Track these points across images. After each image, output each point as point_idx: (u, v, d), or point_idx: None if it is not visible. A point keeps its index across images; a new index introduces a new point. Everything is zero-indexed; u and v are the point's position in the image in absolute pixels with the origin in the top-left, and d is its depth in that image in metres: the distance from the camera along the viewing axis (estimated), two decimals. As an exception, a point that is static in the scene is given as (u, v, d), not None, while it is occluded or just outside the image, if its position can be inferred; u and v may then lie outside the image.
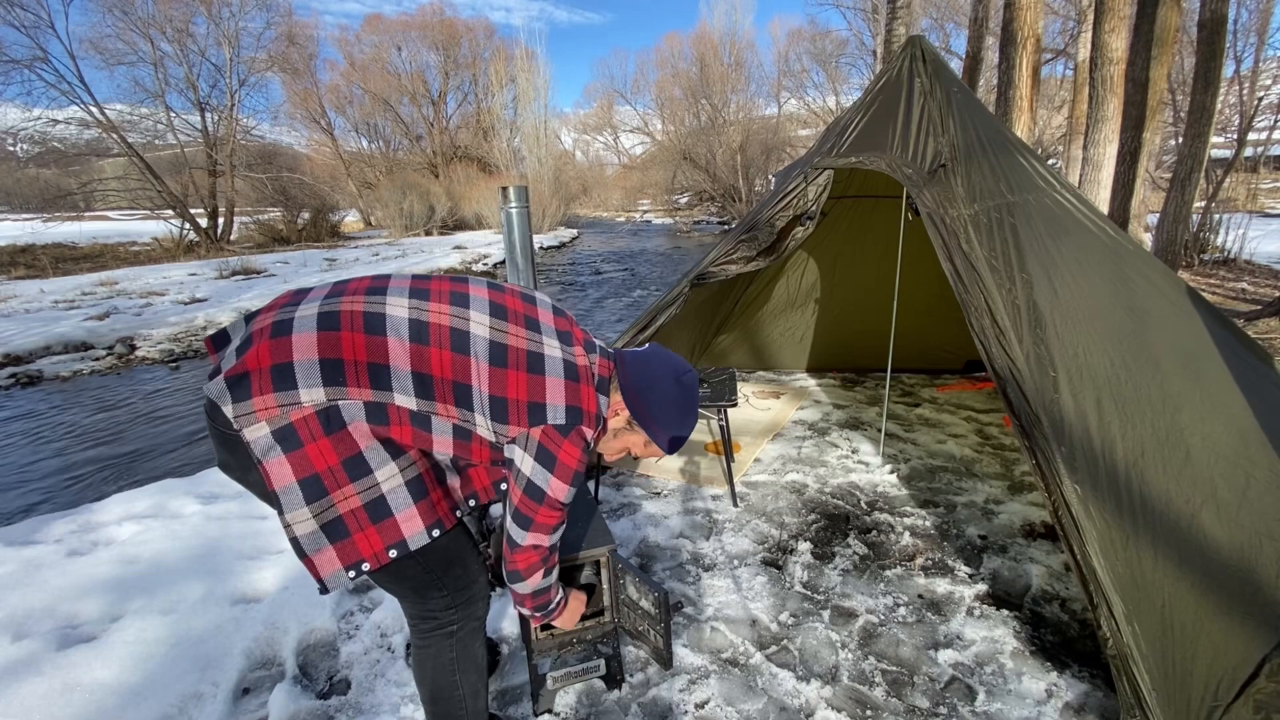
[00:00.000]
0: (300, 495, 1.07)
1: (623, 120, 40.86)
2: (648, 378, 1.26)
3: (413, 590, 1.24)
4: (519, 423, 1.13)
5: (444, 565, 1.23)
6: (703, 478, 2.98)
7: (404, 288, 1.15)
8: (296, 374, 1.03)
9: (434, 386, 1.09)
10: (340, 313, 1.08)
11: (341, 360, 1.05)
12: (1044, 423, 1.69)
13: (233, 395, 1.03)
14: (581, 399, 1.17)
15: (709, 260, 2.86)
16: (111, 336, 7.53)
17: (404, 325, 1.09)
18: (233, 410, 1.02)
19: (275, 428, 1.03)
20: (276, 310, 1.11)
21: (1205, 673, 1.42)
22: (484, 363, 1.11)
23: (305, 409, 1.04)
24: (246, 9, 18.79)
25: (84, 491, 3.88)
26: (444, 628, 1.27)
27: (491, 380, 1.11)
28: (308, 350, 1.04)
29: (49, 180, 19.21)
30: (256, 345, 1.05)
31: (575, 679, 1.70)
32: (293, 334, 1.05)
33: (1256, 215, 11.59)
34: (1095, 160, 6.52)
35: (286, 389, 1.03)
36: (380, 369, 1.06)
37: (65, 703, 1.67)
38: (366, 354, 1.06)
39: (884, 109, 2.55)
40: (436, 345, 1.09)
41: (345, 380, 1.05)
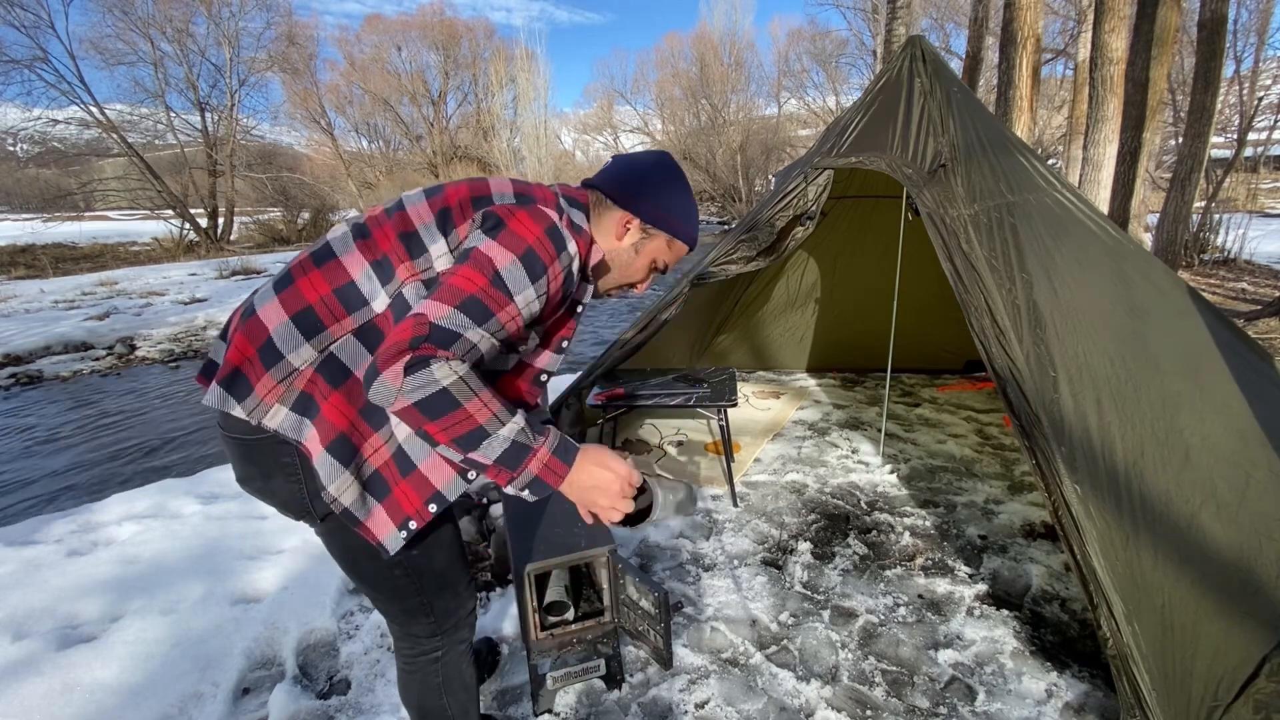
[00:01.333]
0: (334, 461, 0.98)
1: (623, 120, 40.85)
2: (637, 175, 1.13)
3: (402, 612, 1.17)
4: (465, 217, 1.01)
5: (437, 589, 1.17)
6: (703, 478, 2.98)
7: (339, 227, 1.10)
8: (277, 344, 0.98)
9: (390, 259, 1.00)
10: (290, 268, 1.04)
11: (309, 305, 0.99)
12: (1044, 423, 1.69)
13: (235, 395, 0.99)
14: (533, 191, 1.07)
15: (709, 260, 2.86)
16: (111, 336, 7.53)
17: (346, 236, 1.04)
18: (243, 408, 0.98)
19: (290, 403, 0.98)
20: (240, 309, 1.07)
21: (1205, 673, 1.42)
22: (421, 204, 1.04)
23: (304, 371, 0.99)
24: (246, 9, 18.81)
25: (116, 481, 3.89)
26: (428, 654, 1.22)
27: (431, 206, 1.03)
28: (276, 316, 0.99)
29: (49, 180, 19.22)
30: (232, 343, 1.01)
31: (575, 679, 1.70)
32: (257, 310, 1.00)
33: (1256, 215, 11.59)
34: (1095, 160, 6.52)
35: (276, 362, 0.98)
36: (346, 288, 0.99)
37: (65, 703, 1.67)
38: (328, 284, 0.99)
39: (884, 109, 2.55)
40: (377, 228, 1.03)
41: (323, 322, 0.98)
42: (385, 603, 1.18)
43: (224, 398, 0.99)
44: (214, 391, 1.00)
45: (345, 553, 1.12)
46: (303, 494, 1.02)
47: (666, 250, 1.18)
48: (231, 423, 1.01)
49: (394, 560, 1.08)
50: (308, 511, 1.05)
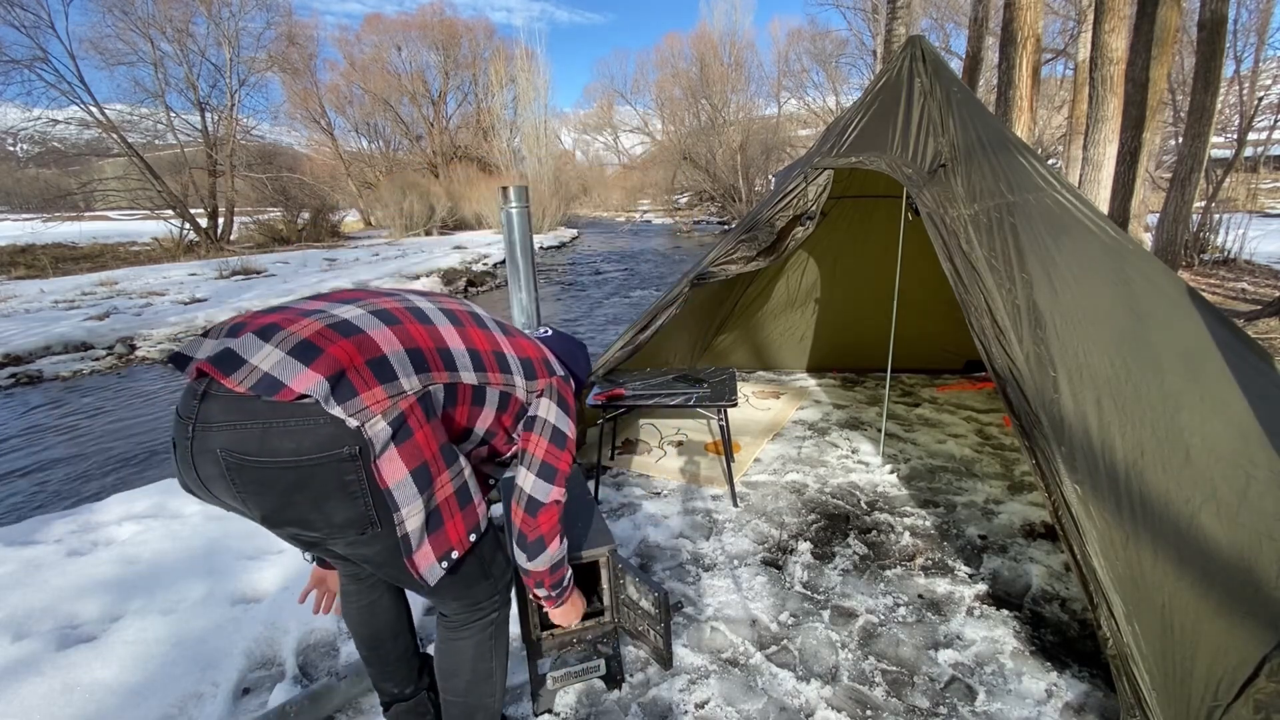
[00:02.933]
0: (414, 486, 1.06)
1: (623, 120, 40.88)
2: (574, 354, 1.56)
3: (464, 587, 1.24)
4: (543, 375, 1.32)
5: (492, 551, 1.28)
6: (703, 478, 2.98)
7: (395, 290, 1.26)
8: (394, 365, 1.05)
9: (483, 359, 1.21)
10: (390, 310, 1.13)
11: (420, 349, 1.10)
12: (1044, 423, 1.69)
13: (338, 396, 0.96)
14: (557, 362, 1.43)
15: (709, 260, 2.86)
16: (111, 336, 7.53)
17: (439, 312, 1.20)
18: (344, 409, 0.97)
19: (390, 418, 1.02)
20: (307, 318, 1.03)
21: (1205, 672, 1.42)
22: (501, 334, 1.29)
23: (410, 397, 1.06)
24: (246, 9, 18.80)
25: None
26: (486, 616, 1.30)
27: (513, 345, 1.30)
28: (392, 343, 1.06)
29: (49, 180, 19.22)
30: (331, 345, 0.98)
31: (575, 679, 1.70)
32: (367, 331, 1.05)
33: (1256, 215, 11.59)
34: (1095, 160, 6.52)
35: (390, 380, 1.03)
36: (445, 351, 1.14)
37: (65, 703, 1.67)
38: (431, 341, 1.13)
39: (884, 109, 2.55)
40: (469, 325, 1.23)
41: (429, 366, 1.11)
42: (450, 583, 1.20)
43: (328, 395, 0.95)
44: (320, 384, 0.94)
45: (394, 558, 1.12)
46: (369, 508, 1.03)
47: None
48: (272, 445, 0.94)
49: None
50: (372, 523, 1.04)
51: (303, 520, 1.02)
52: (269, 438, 0.95)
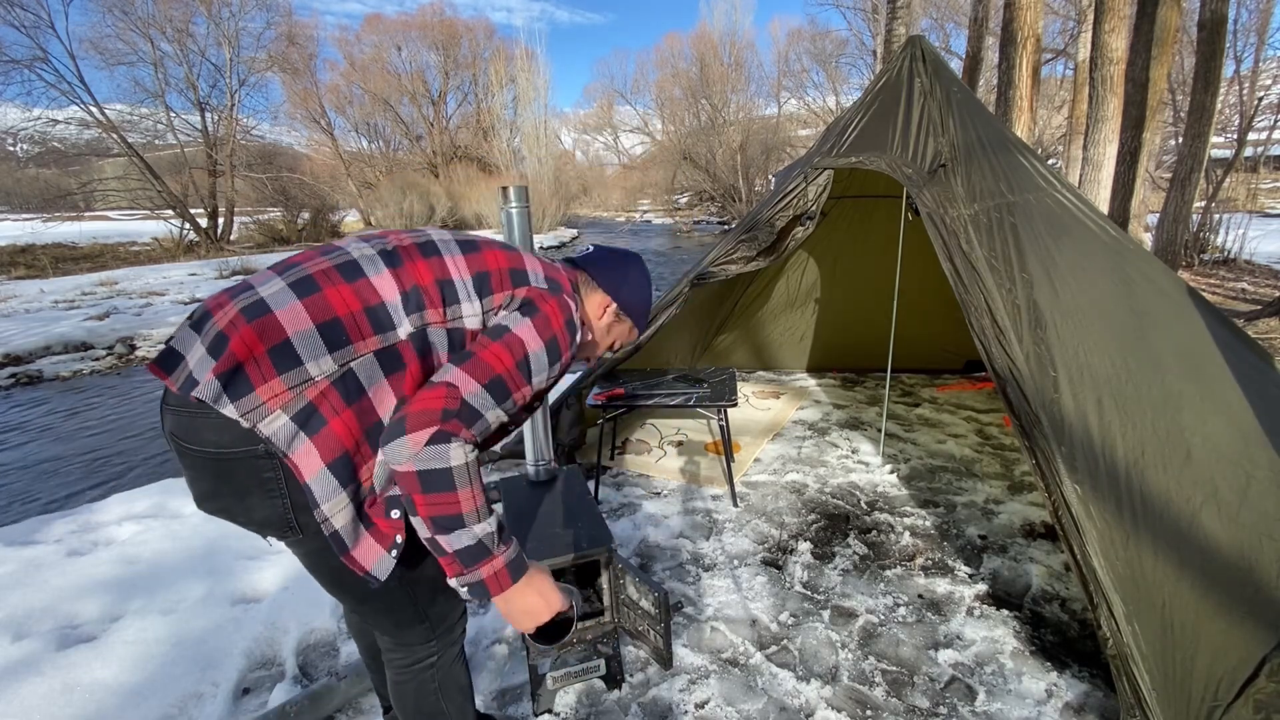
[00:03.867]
0: (334, 479, 0.95)
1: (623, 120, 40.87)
2: (620, 271, 1.29)
3: (394, 624, 1.15)
4: (502, 288, 1.06)
5: (430, 596, 1.14)
6: (703, 478, 2.98)
7: (356, 240, 1.08)
8: (297, 349, 0.92)
9: (422, 295, 1.01)
10: (313, 275, 0.98)
11: (338, 317, 0.95)
12: (1044, 423, 1.69)
13: (230, 392, 0.89)
14: (557, 278, 1.14)
15: (709, 260, 2.86)
16: (111, 336, 7.53)
17: (376, 259, 1.02)
18: (237, 408, 0.90)
19: (294, 412, 0.92)
20: (232, 302, 0.96)
21: (1205, 672, 1.42)
22: (457, 254, 1.06)
23: (319, 383, 0.93)
24: (246, 9, 18.81)
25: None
26: (422, 661, 1.19)
27: (469, 263, 1.06)
28: (299, 321, 0.93)
29: (49, 180, 19.22)
30: (235, 335, 0.91)
31: (575, 679, 1.70)
32: (274, 311, 0.93)
33: (1256, 215, 11.59)
34: (1095, 160, 6.52)
35: (292, 367, 0.92)
36: (374, 310, 0.98)
37: (65, 703, 1.67)
38: (358, 302, 0.97)
39: (884, 109, 2.55)
40: (410, 260, 1.03)
41: (349, 337, 0.96)
42: (377, 616, 1.14)
43: (219, 394, 0.90)
44: (209, 385, 0.89)
45: (330, 570, 1.04)
46: (287, 510, 0.97)
47: (626, 334, 1.33)
48: (200, 435, 0.93)
49: None
50: (291, 528, 0.98)
51: (229, 511, 1.00)
52: (196, 427, 0.94)
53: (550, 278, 1.13)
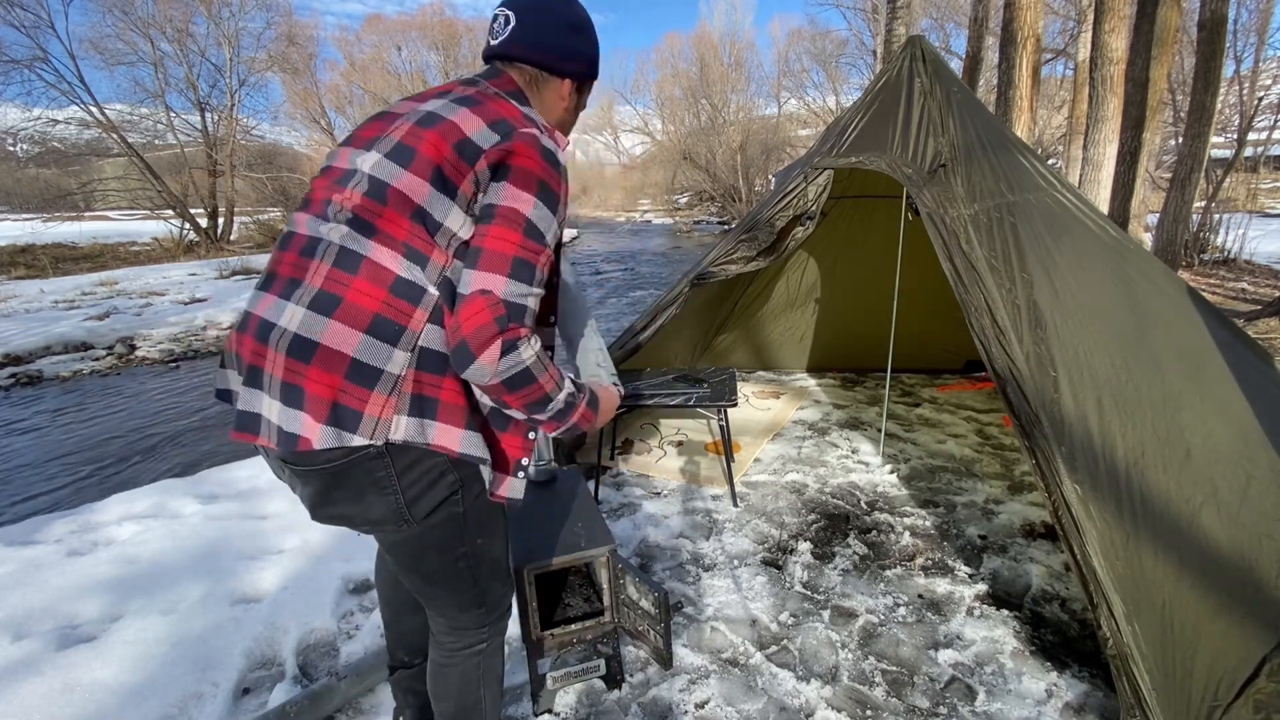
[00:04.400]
0: (475, 434, 1.01)
1: (623, 120, 40.88)
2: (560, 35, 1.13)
3: (457, 605, 1.18)
4: (461, 176, 0.97)
5: (490, 578, 1.19)
6: (703, 478, 2.98)
7: (311, 219, 1.02)
8: (368, 361, 0.93)
9: (417, 247, 0.97)
10: (321, 288, 0.96)
11: (377, 314, 0.94)
12: (1044, 423, 1.69)
13: (346, 427, 0.93)
14: (500, 111, 1.01)
15: (709, 260, 2.86)
16: (111, 336, 7.53)
17: (351, 234, 0.97)
18: (362, 435, 0.93)
19: (407, 409, 0.95)
20: (267, 346, 0.95)
21: (1205, 672, 1.42)
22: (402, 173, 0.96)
23: (408, 374, 0.96)
24: (246, 9, 18.79)
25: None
26: (472, 646, 1.23)
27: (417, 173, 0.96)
28: (349, 337, 0.93)
29: (49, 180, 19.23)
30: (303, 380, 0.92)
31: (575, 679, 1.70)
32: (320, 339, 0.93)
33: (1256, 215, 11.59)
34: (1095, 160, 6.52)
35: (377, 377, 0.94)
36: (396, 285, 0.96)
37: (65, 703, 1.67)
38: (380, 286, 0.95)
39: (884, 109, 2.55)
40: (376, 216, 0.97)
41: (399, 323, 0.95)
42: (445, 596, 1.18)
43: (339, 434, 0.93)
44: (326, 432, 0.92)
45: (418, 551, 1.10)
46: (400, 503, 1.01)
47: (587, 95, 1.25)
48: (313, 455, 0.95)
49: (461, 553, 1.12)
50: (405, 520, 1.03)
51: (341, 518, 1.04)
52: (310, 457, 0.97)
53: (497, 120, 0.99)
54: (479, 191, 0.98)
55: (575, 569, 1.87)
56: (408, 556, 1.12)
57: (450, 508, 1.06)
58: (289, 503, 2.78)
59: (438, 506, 1.04)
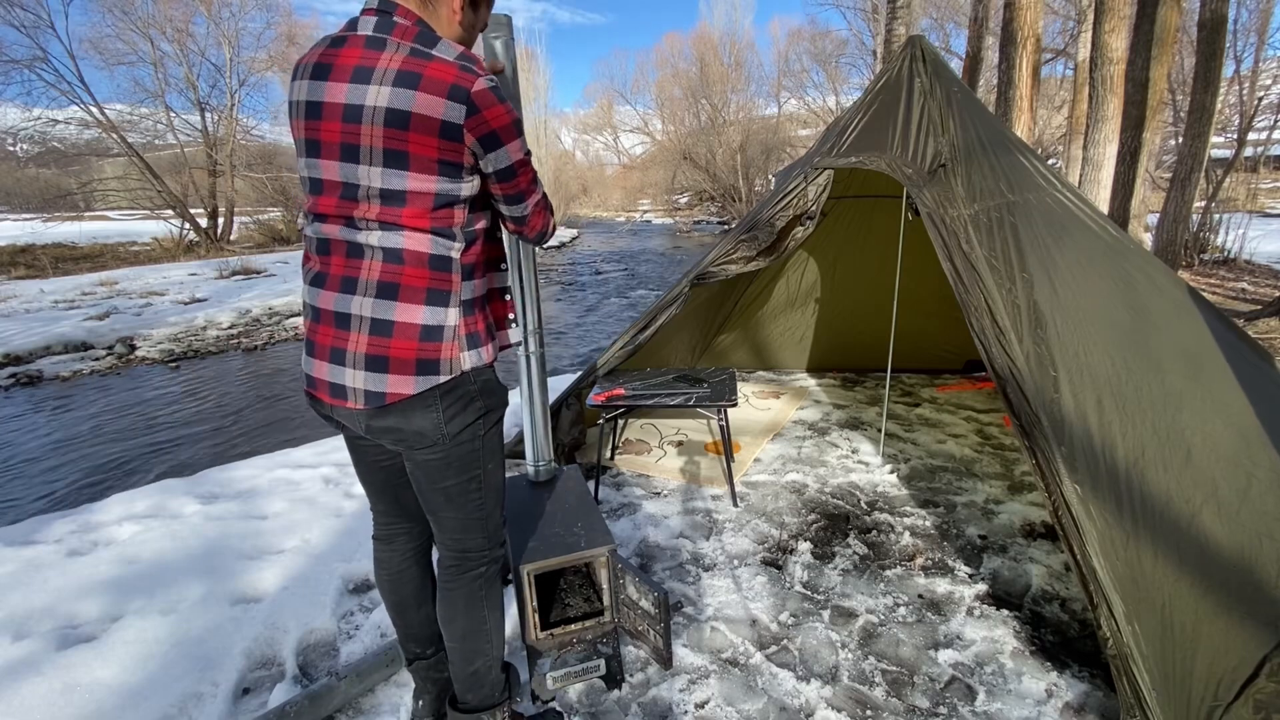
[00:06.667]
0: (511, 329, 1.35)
1: (623, 120, 40.86)
2: None
3: (464, 526, 1.33)
4: (457, 153, 1.12)
5: (495, 504, 1.35)
6: (703, 478, 2.98)
7: (343, 225, 1.17)
8: (433, 324, 1.16)
9: (396, 194, 1.12)
10: (383, 281, 1.15)
11: (428, 288, 1.16)
12: (1044, 423, 1.69)
13: (434, 372, 1.17)
14: (444, 77, 1.08)
15: (709, 260, 2.86)
16: (111, 336, 7.53)
17: (354, 230, 1.16)
18: (442, 375, 1.18)
19: (466, 344, 1.20)
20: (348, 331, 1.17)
21: (1205, 672, 1.42)
22: (404, 173, 1.11)
23: (460, 321, 1.20)
24: (246, 9, 18.76)
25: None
26: (475, 569, 1.36)
27: (421, 183, 1.13)
28: (414, 313, 1.15)
29: (49, 180, 19.20)
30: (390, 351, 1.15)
31: (575, 679, 1.70)
32: (395, 320, 1.15)
33: (1256, 215, 11.60)
34: (1095, 160, 6.52)
35: (441, 334, 1.17)
36: (433, 261, 1.17)
37: (65, 703, 1.67)
38: (426, 268, 1.16)
39: (884, 109, 2.55)
40: (364, 172, 1.12)
41: (447, 290, 1.18)
42: (455, 514, 1.32)
43: (428, 379, 1.17)
44: (420, 380, 1.16)
45: (442, 467, 1.26)
46: (439, 419, 1.20)
47: (486, 12, 1.33)
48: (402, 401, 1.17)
49: (475, 474, 1.29)
50: (443, 435, 1.22)
51: (394, 429, 1.21)
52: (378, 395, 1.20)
53: (450, 85, 1.07)
54: (479, 159, 1.16)
55: (575, 569, 1.87)
56: (435, 472, 1.27)
57: (474, 430, 1.26)
58: (289, 503, 2.78)
59: (467, 427, 1.24)
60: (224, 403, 5.64)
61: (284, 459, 3.38)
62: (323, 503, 2.77)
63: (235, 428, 5.00)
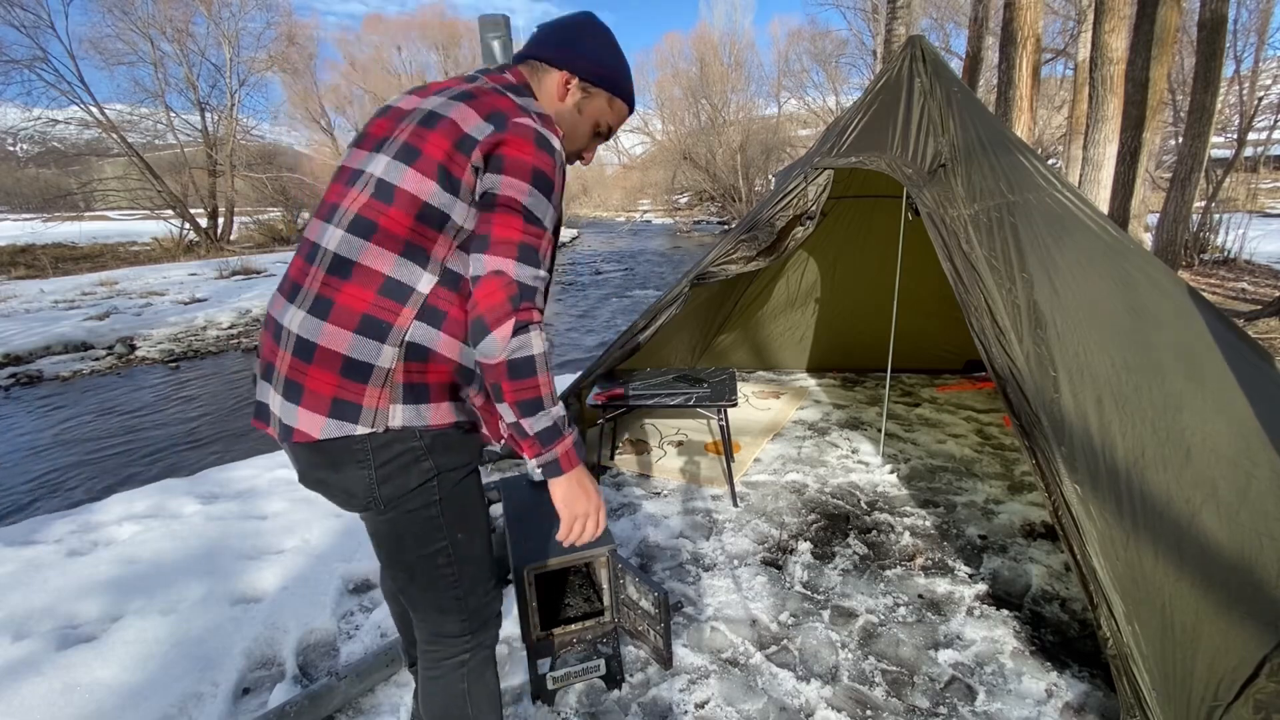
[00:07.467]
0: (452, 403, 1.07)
1: (623, 120, 40.81)
2: (569, 35, 1.16)
3: (438, 607, 1.17)
4: (462, 169, 1.00)
5: (472, 581, 1.17)
6: (703, 478, 2.98)
7: (320, 225, 1.06)
8: (359, 358, 0.99)
9: (420, 245, 1.01)
10: (319, 293, 1.01)
11: (365, 314, 0.99)
12: (1044, 423, 1.69)
13: (349, 419, 0.99)
14: (497, 105, 1.04)
15: (709, 260, 2.86)
16: (111, 336, 7.53)
17: (350, 241, 1.01)
18: (364, 425, 0.99)
19: (401, 397, 1.01)
20: (279, 346, 1.04)
21: (1205, 672, 1.42)
22: (407, 171, 1.00)
23: (398, 365, 1.00)
24: (246, 9, 18.78)
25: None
26: (455, 656, 1.20)
27: (423, 170, 1.00)
28: (340, 338, 0.98)
29: (49, 180, 19.21)
30: (305, 378, 1.00)
31: (575, 679, 1.70)
32: (317, 341, 0.99)
33: (1256, 215, 11.59)
34: (1095, 160, 6.52)
35: (369, 372, 0.99)
36: (386, 285, 1.00)
37: (65, 703, 1.67)
38: (369, 289, 1.00)
39: (884, 109, 2.55)
40: (380, 214, 1.00)
41: (387, 322, 1.00)
42: (426, 596, 1.17)
43: (341, 425, 1.00)
44: (330, 424, 0.99)
45: (397, 538, 1.11)
46: (371, 479, 1.04)
47: (608, 110, 1.22)
48: (317, 445, 1.02)
49: (439, 547, 1.11)
50: (375, 499, 1.05)
51: (323, 484, 1.08)
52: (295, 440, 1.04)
53: (492, 112, 1.02)
54: (478, 180, 1.01)
55: (575, 569, 1.87)
56: (389, 542, 1.13)
57: (425, 495, 1.07)
58: (289, 503, 2.78)
59: (410, 492, 1.06)
60: (212, 406, 5.64)
61: (284, 459, 3.38)
62: (323, 502, 2.77)
63: (236, 425, 5.00)
